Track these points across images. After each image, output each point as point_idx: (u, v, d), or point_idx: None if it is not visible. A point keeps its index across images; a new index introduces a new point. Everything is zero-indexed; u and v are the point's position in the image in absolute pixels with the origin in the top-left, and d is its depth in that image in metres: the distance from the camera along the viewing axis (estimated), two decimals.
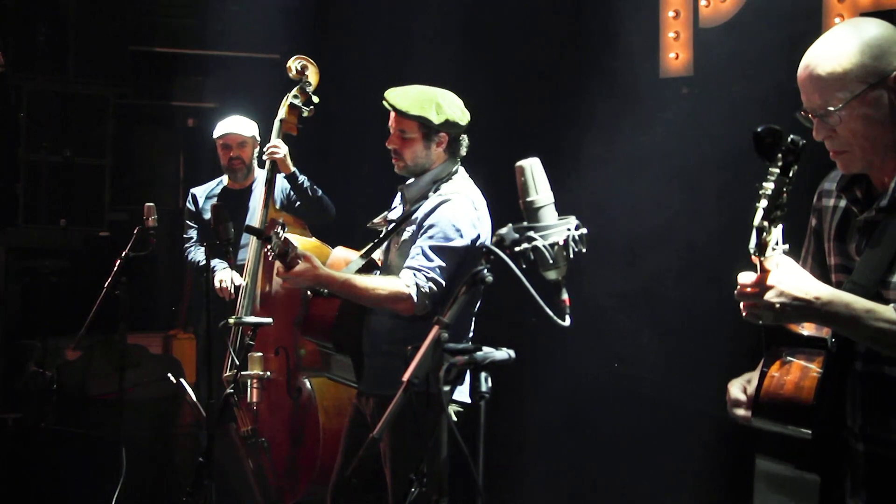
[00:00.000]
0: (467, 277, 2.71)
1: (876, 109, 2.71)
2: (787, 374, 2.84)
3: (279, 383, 5.77)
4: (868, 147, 2.74)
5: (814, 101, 2.75)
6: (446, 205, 4.53)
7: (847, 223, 2.91)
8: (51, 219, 8.64)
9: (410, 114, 4.56)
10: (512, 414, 6.06)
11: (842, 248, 2.91)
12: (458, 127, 4.64)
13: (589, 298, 5.68)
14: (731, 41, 5.60)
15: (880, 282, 2.72)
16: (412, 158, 4.66)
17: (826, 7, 5.13)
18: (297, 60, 6.06)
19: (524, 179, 2.81)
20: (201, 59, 9.18)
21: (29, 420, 7.39)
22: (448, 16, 6.87)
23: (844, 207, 2.93)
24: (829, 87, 2.71)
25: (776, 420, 2.83)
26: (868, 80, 2.69)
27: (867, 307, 2.62)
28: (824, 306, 2.59)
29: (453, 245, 4.48)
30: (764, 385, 2.87)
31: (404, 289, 4.40)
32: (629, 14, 6.05)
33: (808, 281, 2.61)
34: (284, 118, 6.06)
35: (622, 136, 6.06)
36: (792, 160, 2.43)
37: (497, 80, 6.72)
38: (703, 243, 5.41)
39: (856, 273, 2.77)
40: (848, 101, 2.69)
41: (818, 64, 2.74)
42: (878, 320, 2.60)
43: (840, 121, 2.72)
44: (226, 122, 6.64)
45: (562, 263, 2.74)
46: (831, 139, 2.78)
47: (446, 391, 2.58)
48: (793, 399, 2.79)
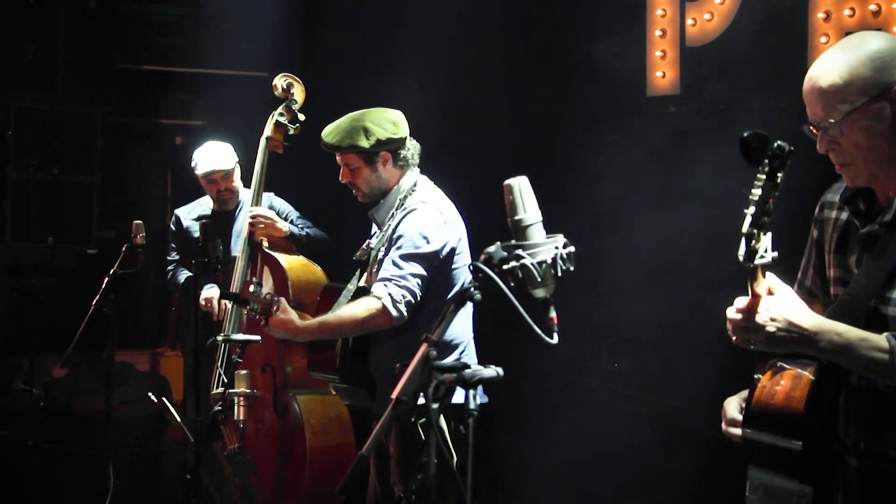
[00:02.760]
0: (455, 295, 2.72)
1: (878, 122, 2.71)
2: (778, 384, 2.84)
3: (266, 401, 5.76)
4: (871, 159, 2.75)
5: (817, 114, 2.76)
6: (411, 215, 4.60)
7: (848, 236, 2.92)
8: (39, 236, 8.61)
9: (343, 146, 4.65)
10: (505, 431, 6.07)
11: (841, 261, 2.92)
12: (394, 141, 4.69)
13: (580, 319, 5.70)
14: (718, 59, 5.63)
15: (877, 296, 2.72)
16: (366, 185, 4.74)
17: (811, 27, 5.16)
18: (282, 78, 6.06)
19: (512, 198, 2.82)
20: (189, 77, 9.18)
21: (16, 438, 7.36)
22: (435, 34, 6.88)
23: (846, 220, 2.93)
24: (831, 98, 2.72)
25: (766, 430, 2.82)
26: (870, 93, 2.70)
27: (860, 336, 2.62)
28: (817, 335, 2.59)
29: (422, 251, 4.52)
30: (755, 394, 2.87)
31: (376, 303, 4.45)
32: (616, 33, 6.08)
33: (801, 309, 2.61)
34: (270, 136, 6.04)
35: (610, 154, 6.09)
36: (778, 165, 2.43)
37: (483, 98, 6.74)
38: (693, 260, 5.43)
39: (853, 285, 2.78)
40: (850, 112, 2.70)
41: (820, 76, 2.75)
42: (871, 349, 2.60)
43: (842, 133, 2.72)
44: (206, 158, 6.52)
45: (550, 282, 2.74)
46: (835, 151, 2.78)
47: (435, 409, 2.59)
48: (783, 409, 2.78)
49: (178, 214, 6.76)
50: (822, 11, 5.13)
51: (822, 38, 5.11)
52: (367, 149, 4.64)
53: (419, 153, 4.80)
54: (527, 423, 6.33)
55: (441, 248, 4.56)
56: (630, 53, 6.02)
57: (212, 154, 6.53)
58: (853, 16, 5.03)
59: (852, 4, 5.03)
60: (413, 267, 4.49)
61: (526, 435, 6.33)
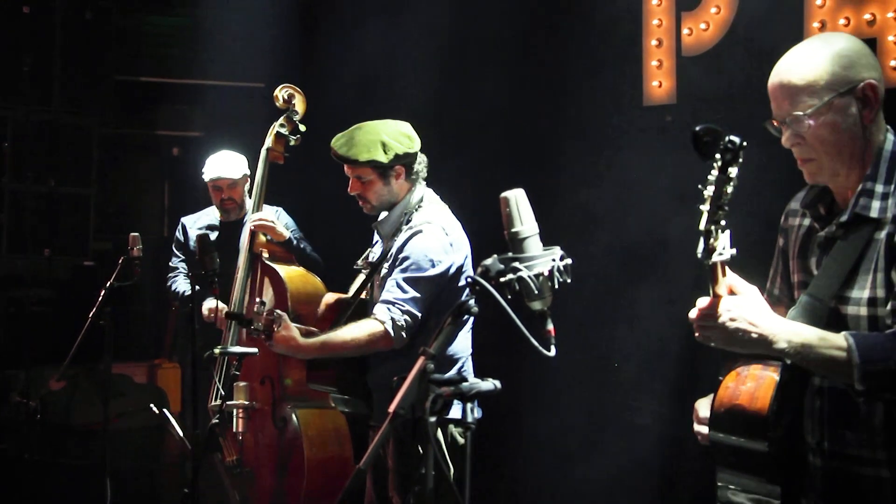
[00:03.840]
0: (453, 308, 2.72)
1: (843, 118, 2.76)
2: (743, 385, 2.86)
3: (265, 413, 5.75)
4: (834, 155, 2.79)
5: (783, 108, 2.81)
6: (418, 236, 4.61)
7: (810, 240, 2.96)
8: (35, 248, 8.58)
9: (361, 160, 4.62)
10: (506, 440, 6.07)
11: (804, 265, 2.95)
12: (409, 155, 4.72)
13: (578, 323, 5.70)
14: (714, 69, 5.63)
15: (836, 296, 2.75)
16: (376, 199, 4.75)
17: (807, 36, 5.16)
18: (283, 89, 6.06)
19: (509, 210, 2.83)
20: (186, 89, 9.17)
21: (12, 451, 7.34)
22: (432, 46, 6.89)
23: (808, 225, 2.97)
24: (799, 93, 2.77)
25: (732, 432, 2.85)
26: (837, 89, 2.75)
27: (819, 335, 2.65)
28: (775, 335, 2.61)
29: (427, 275, 4.54)
30: (718, 395, 2.90)
31: (379, 326, 4.48)
32: (612, 43, 6.08)
33: (761, 309, 2.63)
34: (271, 147, 6.05)
35: (607, 165, 6.09)
36: (730, 159, 2.44)
37: (480, 110, 6.74)
38: (686, 271, 5.42)
39: (812, 286, 2.81)
40: (817, 107, 2.75)
41: (789, 70, 2.80)
42: (829, 348, 2.62)
43: (808, 128, 2.77)
44: (216, 165, 6.58)
45: (547, 294, 2.75)
46: (799, 146, 2.83)
47: (432, 422, 2.59)
48: (747, 410, 2.81)
49: (185, 223, 6.77)
50: (817, 21, 5.14)
51: None
52: (385, 164, 4.64)
53: (426, 167, 4.81)
54: (526, 436, 6.33)
55: (447, 269, 4.59)
56: (626, 63, 6.02)
57: (222, 162, 6.57)
58: (848, 25, 5.04)
59: (847, 14, 5.04)
60: (416, 291, 4.52)
61: (525, 447, 6.33)
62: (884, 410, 2.71)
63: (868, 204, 2.75)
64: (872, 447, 2.72)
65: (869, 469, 2.73)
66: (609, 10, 6.08)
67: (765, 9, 5.37)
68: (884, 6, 4.94)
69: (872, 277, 2.71)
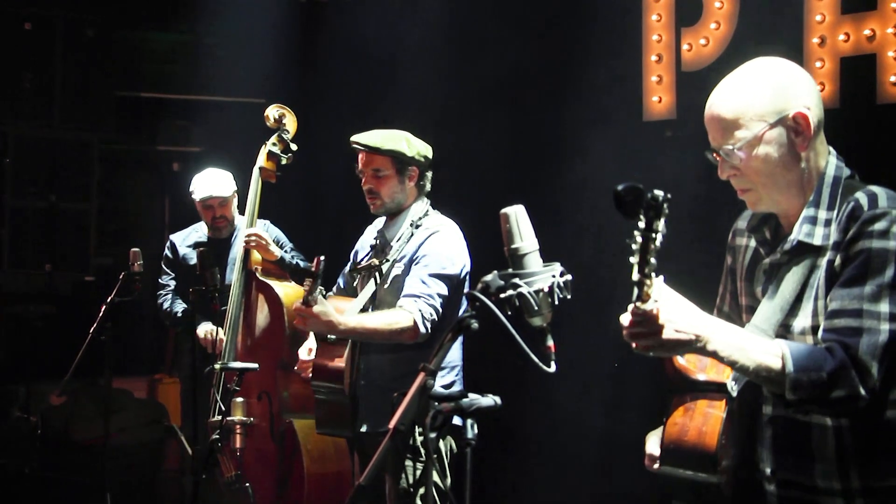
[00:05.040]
0: (453, 324, 2.72)
1: (777, 148, 2.74)
2: (691, 421, 2.86)
3: (262, 428, 5.75)
4: (770, 185, 2.78)
5: (716, 140, 2.81)
6: (437, 235, 4.70)
7: (756, 264, 2.95)
8: (36, 264, 8.61)
9: (384, 149, 4.70)
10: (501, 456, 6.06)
11: (750, 290, 2.95)
12: (427, 161, 4.82)
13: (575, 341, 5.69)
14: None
15: (781, 325, 2.75)
16: (389, 195, 4.78)
17: (807, 52, 5.18)
18: (274, 109, 6.08)
19: (509, 227, 2.83)
20: (186, 104, 9.19)
21: (13, 466, 7.33)
22: (432, 63, 6.90)
23: (755, 247, 2.96)
24: (729, 126, 2.76)
25: (682, 467, 2.86)
26: (767, 119, 2.73)
27: (755, 339, 2.64)
28: (709, 337, 2.58)
29: (447, 272, 4.63)
30: (667, 432, 2.90)
31: (409, 318, 4.52)
32: (612, 58, 6.09)
33: (692, 314, 2.60)
34: (263, 166, 6.04)
35: (607, 180, 6.08)
36: (653, 216, 2.42)
37: (480, 126, 6.75)
38: (684, 284, 5.41)
39: (757, 316, 2.80)
40: (748, 139, 2.74)
41: (719, 103, 2.79)
42: (764, 353, 2.61)
43: (741, 160, 2.75)
44: (205, 184, 6.55)
45: (546, 310, 2.75)
46: (736, 178, 2.82)
47: (432, 438, 2.59)
48: (696, 446, 2.82)
49: (174, 240, 6.76)
50: (816, 37, 5.15)
51: (817, 63, 5.13)
52: (407, 157, 4.71)
53: (429, 185, 4.88)
54: (525, 450, 6.32)
55: (461, 271, 4.70)
56: (626, 78, 6.03)
57: (210, 181, 6.55)
58: (848, 41, 5.06)
59: (847, 29, 5.06)
60: (439, 286, 4.60)
61: (525, 461, 6.32)
62: (835, 440, 2.70)
63: (811, 231, 2.73)
64: (827, 477, 2.71)
65: (825, 499, 2.71)
66: (609, 26, 6.10)
67: (765, 24, 5.38)
68: (883, 22, 4.95)
69: (814, 306, 2.71)
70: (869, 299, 2.61)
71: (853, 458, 2.69)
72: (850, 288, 2.63)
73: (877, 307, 2.60)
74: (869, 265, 2.62)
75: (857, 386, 2.57)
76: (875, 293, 2.61)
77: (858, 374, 2.57)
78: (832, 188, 2.77)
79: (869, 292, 2.61)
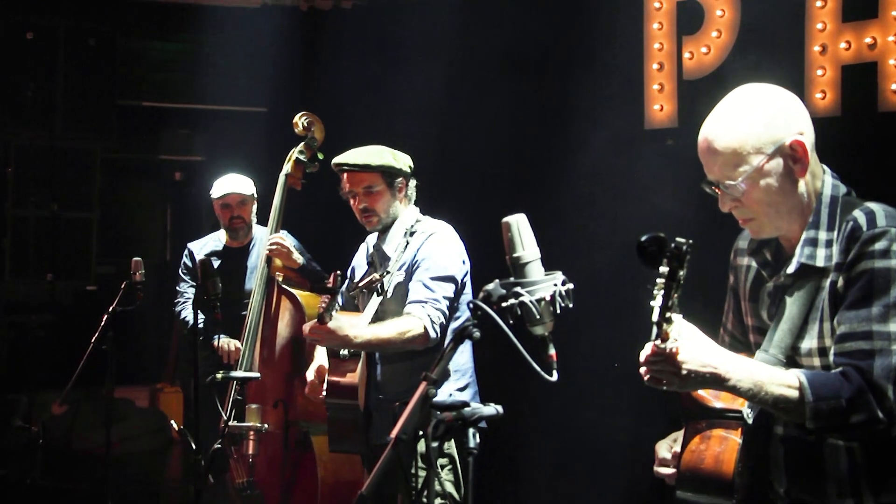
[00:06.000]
0: (455, 333, 2.72)
1: (775, 178, 2.74)
2: (707, 448, 2.86)
3: (276, 436, 5.75)
4: (773, 213, 2.79)
5: (714, 174, 2.80)
6: (433, 238, 4.70)
7: (760, 284, 2.95)
8: (38, 273, 8.61)
9: (374, 165, 4.71)
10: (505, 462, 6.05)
11: (755, 310, 2.96)
12: (412, 170, 4.85)
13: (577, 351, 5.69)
14: (715, 93, 5.62)
15: (791, 348, 2.75)
16: (384, 210, 4.79)
17: (808, 60, 5.18)
18: (303, 117, 6.08)
19: (511, 235, 2.83)
20: (188, 113, 9.20)
21: (14, 475, 7.33)
22: (433, 73, 6.91)
23: (756, 268, 2.97)
24: (727, 161, 2.75)
25: (699, 492, 2.85)
26: (764, 152, 2.72)
27: (770, 373, 2.64)
28: (727, 374, 2.60)
29: (450, 273, 4.64)
30: (685, 459, 2.91)
31: (418, 324, 4.52)
32: (614, 66, 6.10)
33: (711, 350, 2.62)
34: (290, 173, 6.06)
35: (609, 188, 6.09)
36: (677, 265, 2.43)
37: (481, 132, 6.75)
38: (690, 292, 5.41)
39: (766, 342, 2.81)
40: (748, 173, 2.73)
41: (714, 139, 2.77)
42: (781, 385, 2.62)
43: (742, 192, 2.75)
44: (224, 182, 6.58)
45: (548, 319, 2.75)
46: (737, 209, 2.82)
47: (434, 447, 2.59)
48: (713, 472, 2.83)
49: (191, 248, 6.74)
50: (818, 45, 5.15)
51: (818, 71, 5.13)
52: (396, 169, 4.73)
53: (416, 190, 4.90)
54: (529, 458, 6.32)
55: (462, 270, 4.71)
56: (628, 87, 6.03)
57: (231, 180, 6.57)
58: (849, 49, 5.06)
59: (848, 38, 5.06)
60: (444, 289, 4.60)
61: (529, 469, 6.31)
62: (847, 458, 2.71)
63: (813, 253, 2.74)
64: (840, 496, 2.72)
65: None
66: (610, 34, 6.10)
67: (766, 32, 5.39)
68: (884, 30, 4.95)
69: (820, 327, 2.72)
70: (877, 320, 2.62)
71: (865, 476, 2.70)
72: (858, 310, 2.64)
73: (886, 327, 2.61)
74: (873, 286, 2.63)
75: (875, 410, 2.58)
76: (882, 314, 2.62)
77: (875, 398, 2.58)
78: (830, 208, 2.78)
79: (877, 313, 2.62)
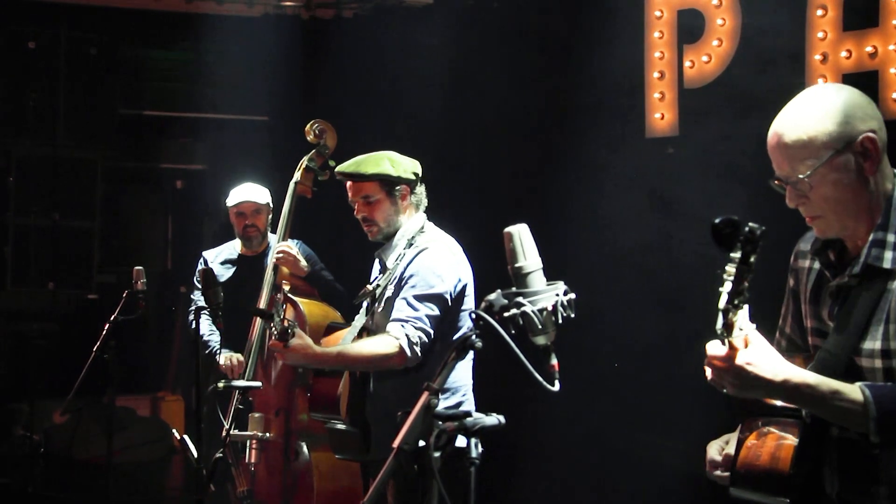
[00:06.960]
0: (457, 343, 2.72)
1: (845, 174, 2.73)
2: (763, 445, 2.86)
3: (277, 445, 5.76)
4: (841, 211, 2.77)
5: (784, 170, 2.78)
6: (424, 254, 4.60)
7: (821, 286, 2.93)
8: (39, 282, 8.60)
9: (369, 174, 4.64)
10: None
11: (816, 312, 2.94)
12: (416, 176, 4.74)
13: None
14: (716, 101, 5.65)
15: (853, 348, 2.73)
16: (384, 220, 4.71)
17: (809, 69, 5.19)
18: (315, 124, 6.08)
19: (512, 245, 2.82)
20: (190, 122, 9.19)
21: (16, 485, 7.33)
22: (435, 81, 6.92)
23: (819, 269, 2.95)
24: (796, 155, 2.74)
25: (754, 490, 2.84)
26: (835, 147, 2.71)
27: (833, 388, 2.62)
28: (791, 389, 2.60)
29: (436, 291, 4.53)
30: (741, 455, 2.90)
31: (393, 342, 4.43)
32: (615, 75, 6.11)
33: (776, 362, 2.61)
34: (300, 181, 6.06)
35: (610, 196, 6.10)
36: (750, 249, 2.43)
37: (483, 141, 6.76)
38: (691, 299, 5.42)
39: (829, 341, 2.79)
40: (816, 168, 2.72)
41: (784, 133, 2.77)
42: (843, 401, 2.60)
43: (811, 188, 2.74)
44: (240, 190, 6.57)
45: (550, 329, 2.74)
46: (804, 205, 2.80)
47: (436, 457, 2.59)
48: (769, 469, 2.81)
49: (206, 257, 6.72)
50: (819, 53, 5.16)
51: (819, 80, 5.13)
52: (393, 177, 4.63)
53: (425, 196, 4.82)
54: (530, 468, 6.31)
55: (454, 287, 4.58)
56: (629, 95, 6.04)
57: (246, 188, 6.57)
58: (850, 57, 5.06)
59: (849, 46, 5.07)
60: (427, 308, 4.49)
61: (531, 480, 6.31)
62: None
63: (880, 255, 2.73)
64: (891, 499, 2.70)
65: None
66: (611, 43, 6.11)
67: (767, 41, 5.39)
68: (885, 39, 4.96)
69: (885, 329, 2.69)
70: None
71: None
72: None
73: None
74: None
75: None
76: None
77: None
78: None
79: None
